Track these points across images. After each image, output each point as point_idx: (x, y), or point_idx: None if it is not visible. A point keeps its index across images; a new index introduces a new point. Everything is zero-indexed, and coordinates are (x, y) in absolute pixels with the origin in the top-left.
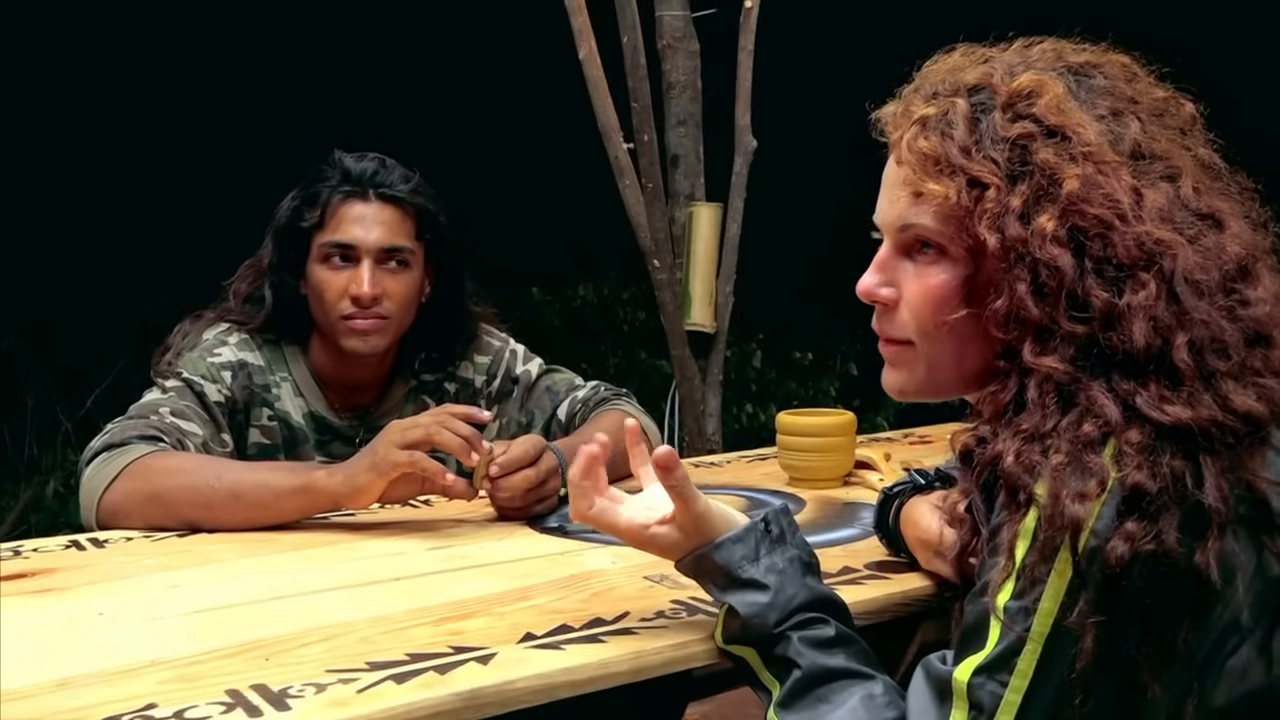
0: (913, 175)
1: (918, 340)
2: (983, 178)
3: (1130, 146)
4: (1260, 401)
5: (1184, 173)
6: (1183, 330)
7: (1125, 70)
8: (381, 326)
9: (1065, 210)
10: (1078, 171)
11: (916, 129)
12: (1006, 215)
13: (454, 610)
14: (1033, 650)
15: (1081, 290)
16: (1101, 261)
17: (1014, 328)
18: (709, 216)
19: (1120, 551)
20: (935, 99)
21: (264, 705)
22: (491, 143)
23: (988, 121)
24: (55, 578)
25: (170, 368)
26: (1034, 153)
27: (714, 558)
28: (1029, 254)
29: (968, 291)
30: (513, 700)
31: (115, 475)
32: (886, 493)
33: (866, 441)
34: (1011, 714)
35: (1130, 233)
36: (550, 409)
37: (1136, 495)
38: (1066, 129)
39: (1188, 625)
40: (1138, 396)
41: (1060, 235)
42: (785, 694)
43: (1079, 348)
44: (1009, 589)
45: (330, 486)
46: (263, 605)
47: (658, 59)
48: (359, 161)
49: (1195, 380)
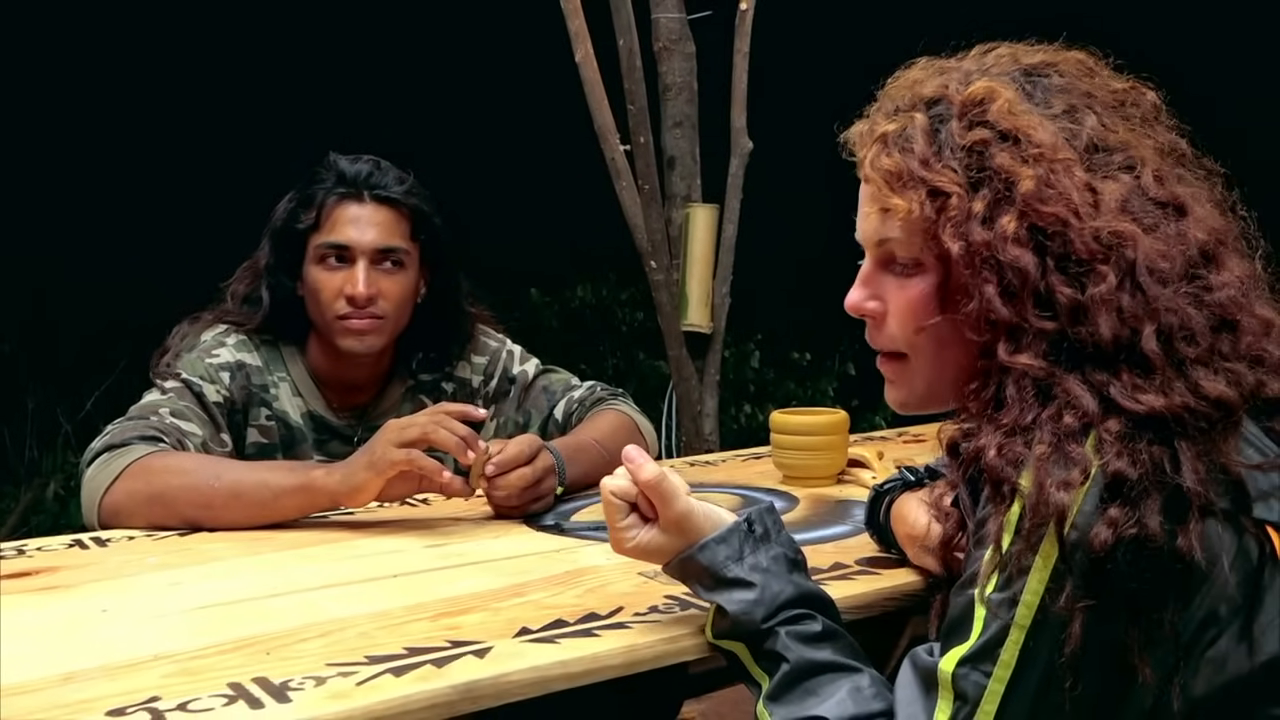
0: (878, 192)
1: (908, 352)
2: (943, 187)
3: (1086, 142)
4: (1230, 386)
5: (1144, 162)
6: (1150, 319)
7: (1081, 66)
8: (377, 326)
9: (1023, 211)
10: (1031, 172)
11: (878, 147)
12: (969, 221)
13: (451, 606)
14: (1016, 640)
15: (1045, 288)
16: (1062, 258)
17: (987, 329)
18: (705, 218)
19: (1104, 537)
20: (895, 115)
21: (265, 698)
22: (490, 145)
23: (945, 131)
24: (59, 576)
25: (169, 369)
26: (990, 158)
27: (698, 559)
28: (993, 257)
29: (942, 298)
30: (508, 693)
31: (116, 476)
32: (877, 490)
33: (860, 440)
34: (995, 703)
35: (1087, 227)
36: (547, 409)
37: (1118, 482)
38: (1019, 131)
39: (1173, 608)
40: (1111, 387)
41: (1021, 236)
42: (774, 687)
43: (1050, 343)
44: (994, 580)
45: (328, 485)
46: (263, 602)
47: (654, 61)
48: (354, 163)
49: (1166, 368)
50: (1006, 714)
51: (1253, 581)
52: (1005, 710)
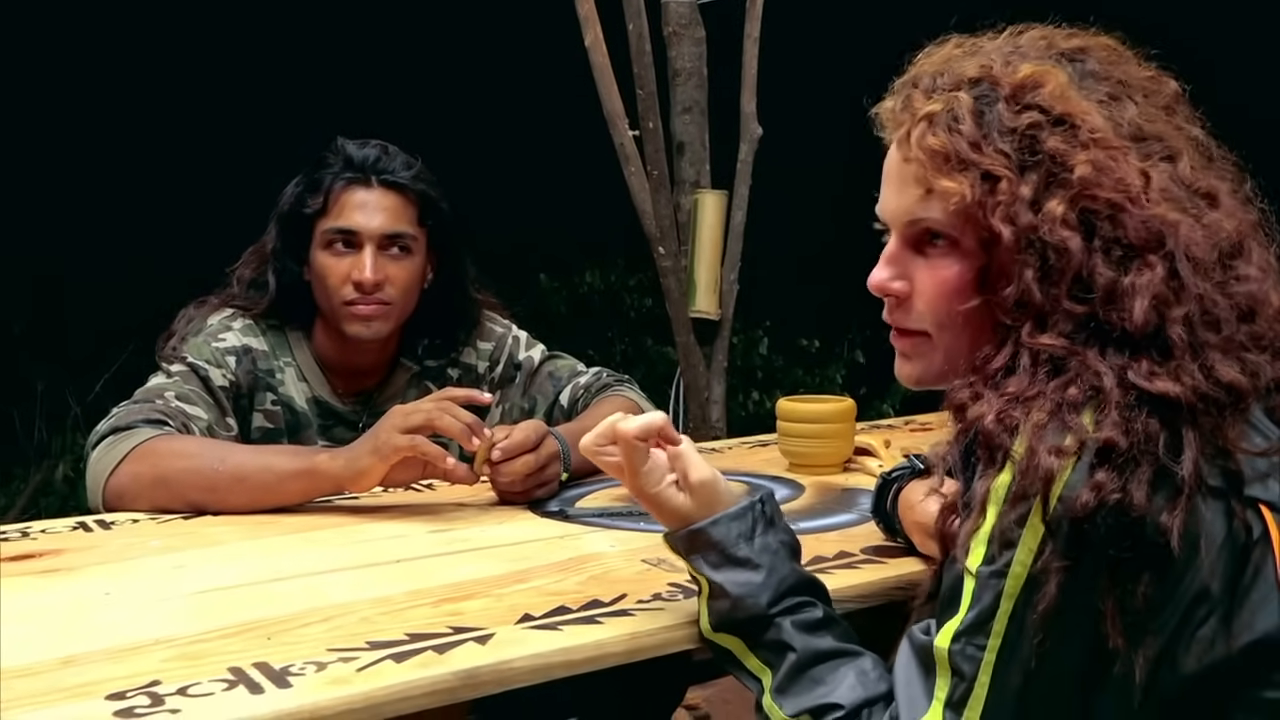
0: (923, 172)
1: (934, 331)
2: (994, 170)
3: (1131, 129)
4: (1244, 374)
5: (1181, 152)
6: (1180, 305)
7: (1112, 53)
8: (384, 312)
9: (1077, 195)
10: (1087, 157)
11: (924, 126)
12: (1017, 204)
13: (453, 592)
14: (1006, 610)
15: (1087, 271)
16: (1111, 242)
17: (1018, 312)
18: (714, 204)
19: (1085, 499)
20: (936, 94)
21: (265, 683)
22: (499, 130)
23: (993, 114)
24: (62, 558)
25: (175, 353)
26: (1042, 141)
27: (710, 533)
28: (1039, 239)
29: (981, 282)
30: (509, 679)
31: (121, 458)
32: (885, 478)
33: (867, 428)
34: (989, 673)
35: (1140, 214)
36: (553, 395)
37: (1107, 449)
38: (1073, 116)
39: (1148, 581)
40: (1129, 370)
41: (1070, 219)
42: (781, 679)
43: (1076, 324)
44: (980, 551)
45: (333, 470)
46: (265, 586)
47: (664, 46)
48: (361, 148)
49: (1185, 354)
50: (999, 685)
51: (1245, 561)
52: (998, 681)
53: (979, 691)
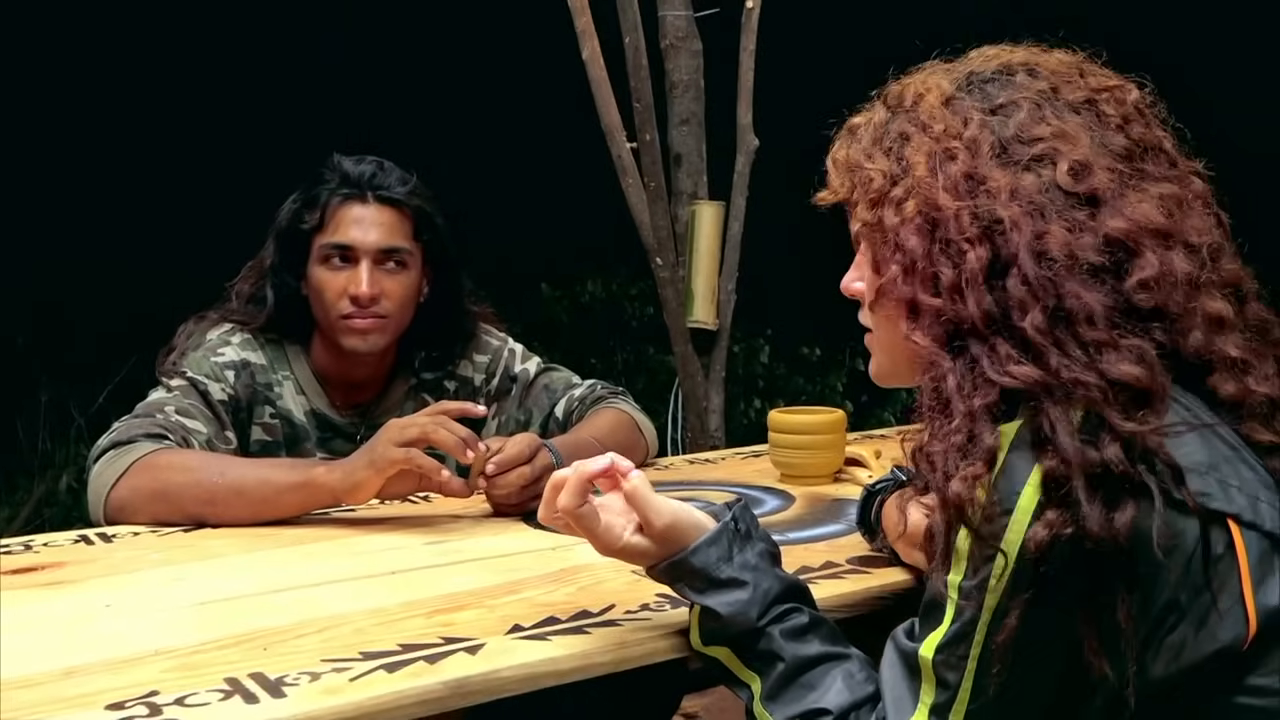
0: (833, 180)
1: (871, 327)
2: (872, 175)
3: (1010, 134)
4: (1139, 366)
5: (1064, 156)
6: (1035, 300)
7: (1063, 65)
8: (380, 325)
9: (924, 198)
10: (924, 159)
11: (843, 137)
12: (884, 205)
13: (446, 603)
14: (985, 621)
15: (932, 267)
16: (945, 241)
17: (892, 307)
18: (711, 215)
19: (1040, 537)
20: (863, 111)
21: (260, 693)
22: (500, 143)
23: (887, 127)
24: (64, 571)
25: (175, 367)
26: (908, 150)
27: (691, 562)
28: (896, 239)
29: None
30: (498, 689)
31: (122, 472)
32: (869, 489)
33: (859, 439)
34: (971, 682)
35: (963, 208)
36: (548, 407)
37: (1054, 481)
38: (930, 123)
39: (1128, 600)
40: (983, 361)
41: (915, 219)
42: (771, 687)
43: (940, 322)
44: (961, 565)
45: (329, 482)
46: (263, 598)
47: (660, 58)
48: (357, 164)
49: (1050, 347)
50: (980, 694)
51: (1211, 572)
52: (979, 691)
53: (963, 696)
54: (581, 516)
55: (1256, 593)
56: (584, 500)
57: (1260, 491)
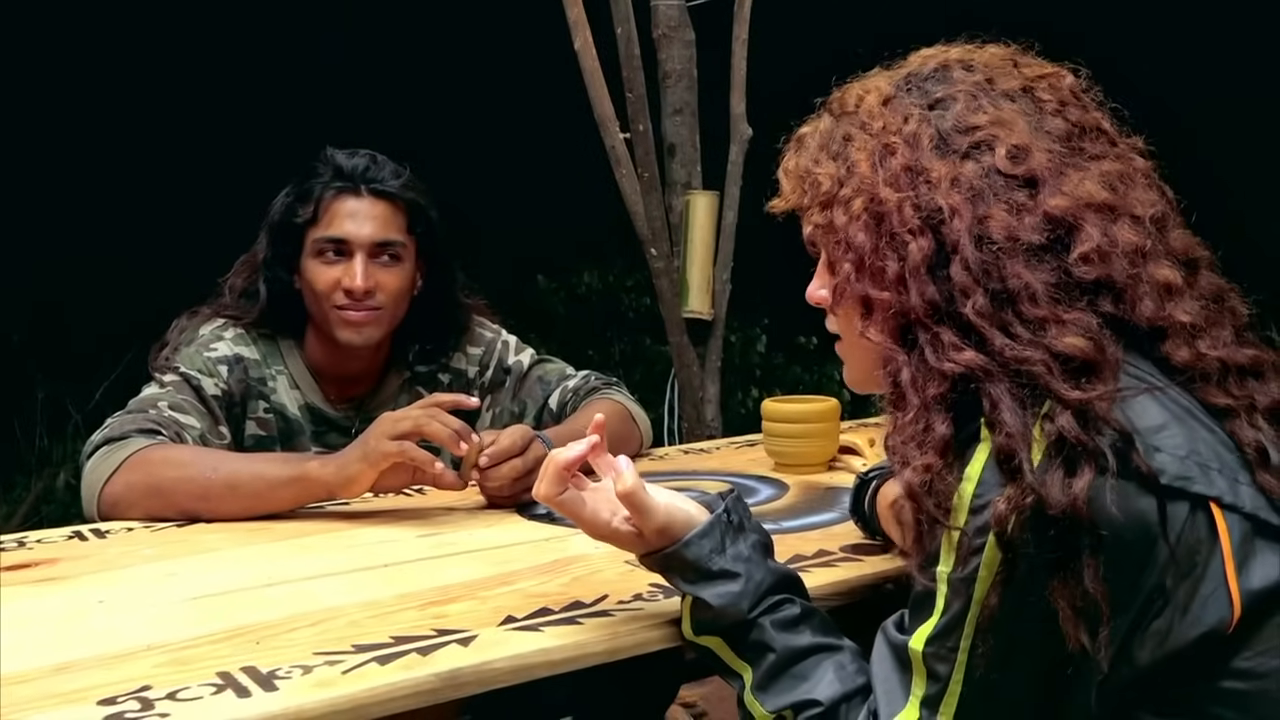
0: (785, 189)
1: (839, 333)
2: (820, 179)
3: (948, 126)
4: (1084, 338)
5: (1000, 142)
6: (978, 284)
7: (997, 58)
8: (374, 318)
9: (869, 194)
10: (866, 157)
11: (794, 146)
12: (834, 207)
13: (439, 595)
14: (974, 614)
15: (879, 262)
16: (890, 235)
17: (850, 306)
18: (706, 204)
19: (1000, 510)
20: (810, 121)
21: (253, 686)
22: (493, 134)
23: (834, 131)
24: (58, 567)
25: (168, 363)
26: (852, 150)
27: (684, 555)
28: (846, 237)
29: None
30: (490, 680)
31: (115, 468)
32: (863, 477)
33: (853, 427)
34: (962, 673)
35: (905, 200)
36: (542, 398)
37: (1005, 457)
38: (871, 123)
39: (1094, 569)
40: (927, 350)
41: (861, 216)
42: (761, 677)
43: (891, 316)
44: (951, 557)
45: (323, 476)
46: (256, 592)
47: (653, 48)
48: (350, 158)
49: (993, 329)
50: (971, 685)
51: (1195, 556)
52: (969, 682)
53: (954, 689)
54: (563, 504)
55: (1240, 575)
56: (563, 488)
57: (1239, 474)
